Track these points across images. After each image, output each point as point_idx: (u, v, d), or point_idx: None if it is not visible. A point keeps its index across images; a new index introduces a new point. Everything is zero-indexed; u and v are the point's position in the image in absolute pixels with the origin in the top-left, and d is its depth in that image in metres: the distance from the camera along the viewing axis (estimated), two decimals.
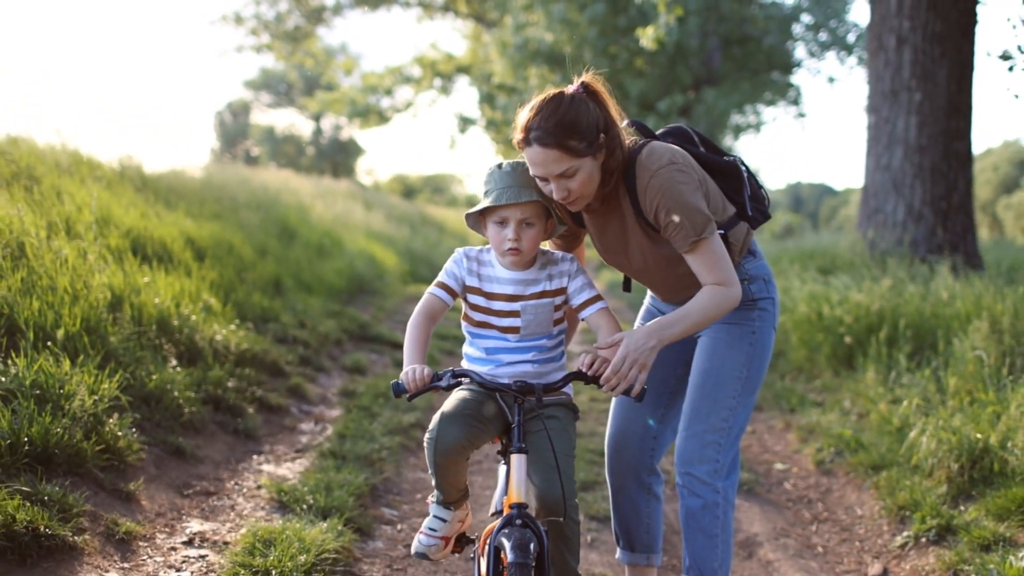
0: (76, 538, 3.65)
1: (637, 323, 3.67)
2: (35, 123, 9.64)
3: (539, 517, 2.89)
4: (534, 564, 2.67)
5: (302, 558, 3.75)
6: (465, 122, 31.42)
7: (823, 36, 26.57)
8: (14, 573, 3.33)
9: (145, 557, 3.88)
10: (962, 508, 4.73)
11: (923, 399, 5.89)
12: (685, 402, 3.48)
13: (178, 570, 3.81)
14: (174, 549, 4.02)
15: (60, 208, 6.79)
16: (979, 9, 9.67)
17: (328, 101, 32.07)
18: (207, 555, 4.00)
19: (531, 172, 3.02)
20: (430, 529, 3.15)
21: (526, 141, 2.96)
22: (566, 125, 2.92)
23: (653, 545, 3.71)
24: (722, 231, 3.22)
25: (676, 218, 3.03)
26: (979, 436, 4.95)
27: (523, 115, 3.00)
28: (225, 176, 15.00)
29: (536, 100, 3.00)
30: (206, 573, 3.81)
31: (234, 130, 60.28)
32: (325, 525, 4.18)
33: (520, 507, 2.77)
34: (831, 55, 27.00)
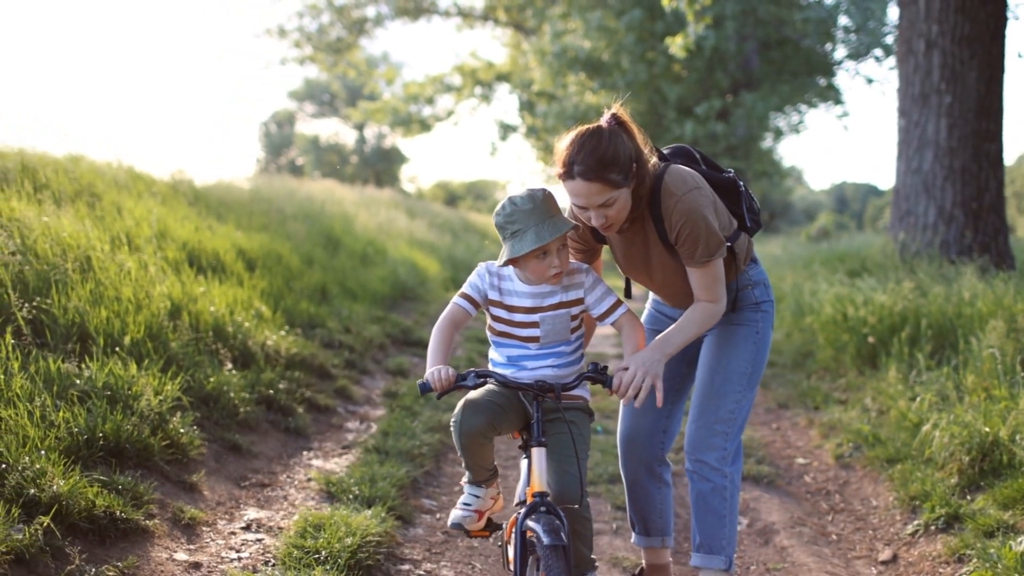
0: (147, 522, 4.07)
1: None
2: (93, 140, 10.16)
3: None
4: (568, 545, 2.93)
5: (349, 540, 4.11)
6: (506, 129, 31.80)
7: (862, 37, 26.57)
8: (95, 551, 3.74)
9: (208, 540, 4.29)
10: (970, 498, 4.98)
11: (941, 396, 6.13)
12: (694, 395, 3.81)
13: (238, 551, 4.21)
14: (234, 534, 4.43)
15: (121, 223, 7.25)
16: (1009, 10, 9.76)
17: (371, 111, 32.57)
18: (263, 539, 4.40)
19: (572, 201, 3.30)
20: (464, 504, 3.45)
21: (568, 175, 3.22)
22: (607, 160, 3.18)
23: (666, 528, 4.04)
24: (729, 243, 3.54)
25: (696, 239, 3.35)
26: (989, 430, 5.20)
27: (563, 149, 3.24)
28: (272, 188, 15.47)
29: (575, 134, 3.25)
30: (263, 554, 4.21)
31: (279, 140, 61.09)
32: (370, 512, 4.54)
33: (543, 495, 3.05)
34: (870, 57, 26.96)
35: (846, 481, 5.96)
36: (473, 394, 3.29)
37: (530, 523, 2.98)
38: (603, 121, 3.30)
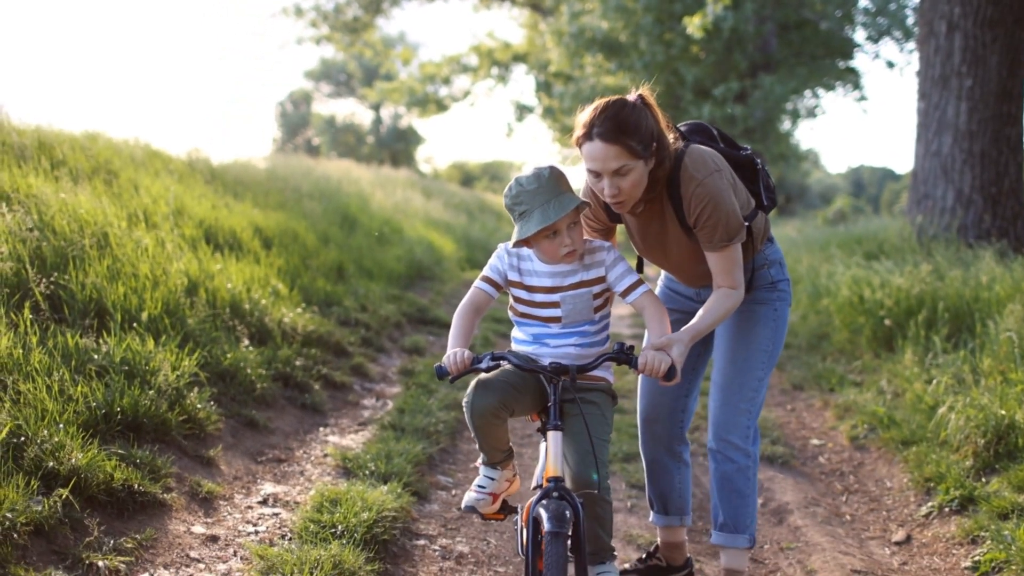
0: (165, 496, 4.11)
1: None
2: (110, 117, 10.25)
3: (574, 491, 3.07)
4: (570, 533, 2.87)
5: (365, 515, 4.14)
6: (522, 110, 31.72)
7: (881, 20, 26.36)
8: (113, 524, 3.78)
9: (225, 514, 4.33)
10: (985, 480, 4.98)
11: (957, 379, 6.12)
12: (715, 375, 3.80)
13: (255, 525, 4.25)
14: (251, 508, 4.47)
15: (138, 200, 7.29)
16: None
17: (387, 91, 32.53)
18: (280, 513, 4.44)
19: (587, 167, 3.27)
20: (479, 486, 3.40)
21: (588, 136, 3.21)
22: (628, 126, 3.17)
23: (684, 507, 4.05)
24: (746, 223, 3.51)
25: (716, 223, 3.33)
26: (1005, 413, 5.19)
27: (586, 114, 3.24)
28: (288, 167, 15.51)
29: (600, 101, 3.24)
30: (280, 528, 4.24)
31: (295, 120, 61.14)
32: (385, 488, 4.57)
33: (557, 480, 2.97)
34: (889, 39, 26.75)
35: (861, 462, 5.96)
36: (486, 374, 3.24)
37: (539, 508, 2.94)
38: (630, 96, 3.29)
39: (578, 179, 3.38)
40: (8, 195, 5.90)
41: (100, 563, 3.44)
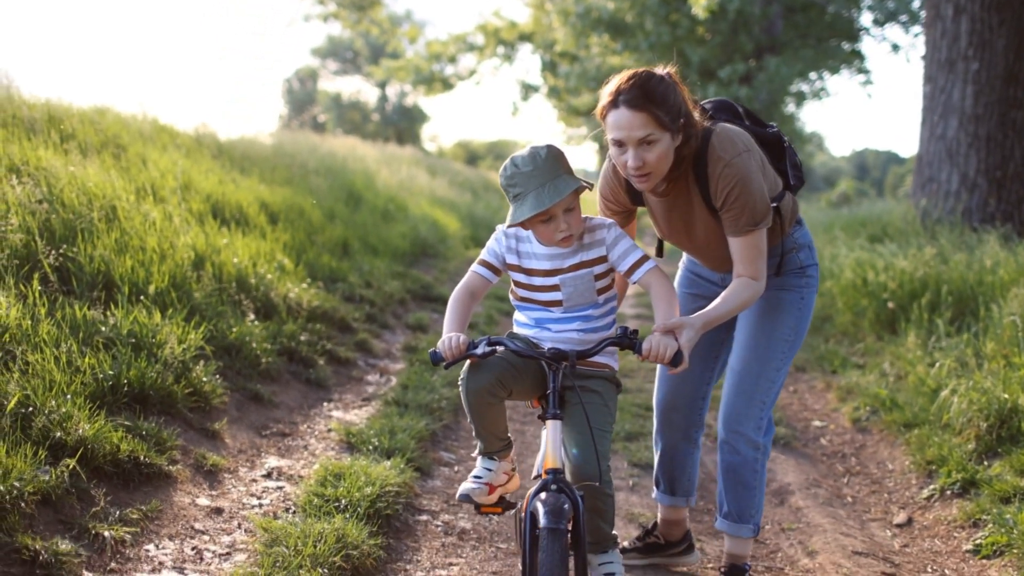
0: (171, 468, 4.14)
1: (675, 288, 3.87)
2: (118, 92, 10.27)
3: (574, 483, 2.96)
4: (568, 529, 2.75)
5: (368, 490, 4.16)
6: (528, 89, 31.65)
7: (889, 4, 26.19)
8: (119, 495, 3.81)
9: (230, 487, 4.36)
10: (987, 464, 5.00)
11: (960, 362, 6.13)
12: (733, 362, 3.71)
13: (259, 498, 4.28)
14: (255, 481, 4.51)
15: (146, 174, 7.30)
16: None
17: (393, 69, 32.38)
18: (284, 487, 4.47)
19: (611, 137, 3.16)
20: (475, 476, 3.24)
21: (614, 104, 3.10)
22: (656, 95, 3.08)
23: (691, 489, 4.03)
24: (774, 204, 3.41)
25: (743, 206, 3.22)
26: (1008, 397, 5.20)
27: (612, 84, 3.15)
28: (295, 143, 15.51)
29: (627, 71, 3.15)
30: (284, 501, 4.28)
31: (302, 97, 61.12)
32: (389, 463, 4.60)
33: (555, 472, 2.85)
34: (895, 22, 26.58)
35: (862, 444, 5.98)
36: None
37: (536, 502, 2.82)
38: (657, 70, 3.21)
39: (578, 160, 3.29)
40: (18, 168, 5.92)
41: (106, 533, 3.47)
